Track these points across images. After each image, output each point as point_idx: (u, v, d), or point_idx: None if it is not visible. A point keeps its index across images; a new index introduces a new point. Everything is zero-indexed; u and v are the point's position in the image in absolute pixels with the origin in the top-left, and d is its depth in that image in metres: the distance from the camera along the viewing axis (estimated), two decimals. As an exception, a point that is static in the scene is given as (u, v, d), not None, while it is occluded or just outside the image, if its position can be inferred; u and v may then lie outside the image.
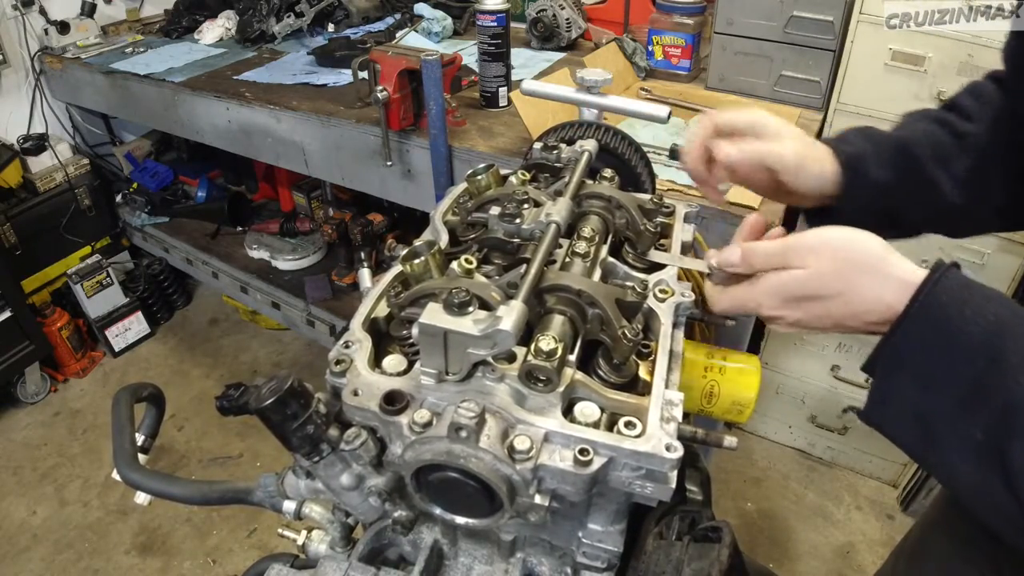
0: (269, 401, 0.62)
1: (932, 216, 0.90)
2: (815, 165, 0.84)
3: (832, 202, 0.87)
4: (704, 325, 1.12)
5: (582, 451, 0.58)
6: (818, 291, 0.65)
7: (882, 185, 0.86)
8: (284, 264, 2.98)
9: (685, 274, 0.83)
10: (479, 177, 0.87)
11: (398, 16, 2.72)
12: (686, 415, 0.69)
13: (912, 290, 0.61)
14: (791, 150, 0.82)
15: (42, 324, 2.96)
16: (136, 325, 3.33)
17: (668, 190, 1.59)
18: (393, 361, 0.68)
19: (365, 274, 0.92)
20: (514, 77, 2.04)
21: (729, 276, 0.74)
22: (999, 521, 0.59)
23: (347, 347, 0.68)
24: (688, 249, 0.86)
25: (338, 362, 0.66)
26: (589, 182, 0.88)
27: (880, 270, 0.64)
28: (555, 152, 0.92)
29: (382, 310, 0.74)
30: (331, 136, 2.04)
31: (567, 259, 0.75)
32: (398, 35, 2.53)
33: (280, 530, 0.92)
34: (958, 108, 0.92)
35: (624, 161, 0.98)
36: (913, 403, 0.61)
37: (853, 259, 0.65)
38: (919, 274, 0.63)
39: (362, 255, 2.57)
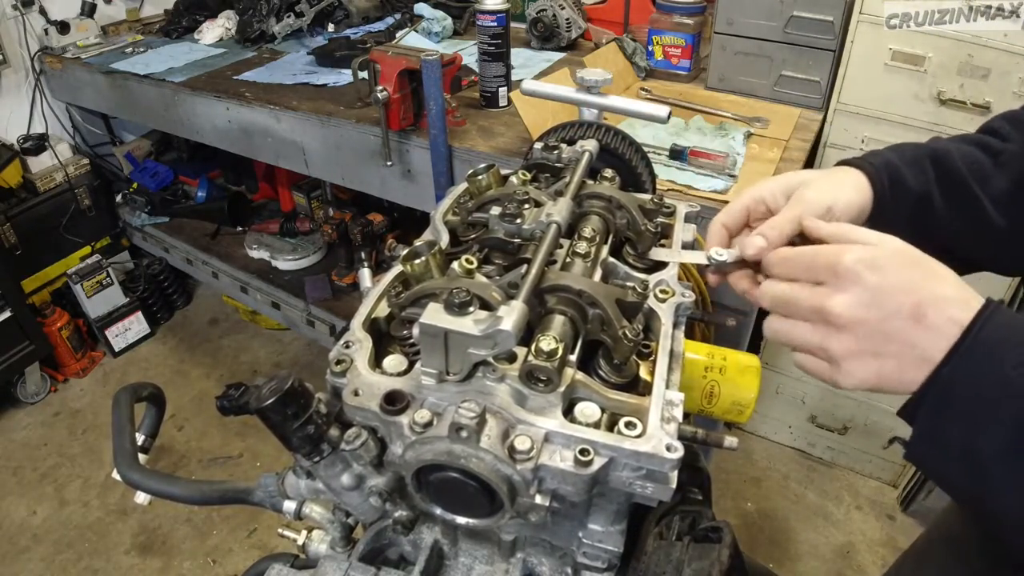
0: (270, 401, 0.62)
1: (982, 242, 0.82)
2: (844, 193, 0.76)
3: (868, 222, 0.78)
4: (704, 325, 1.12)
5: (583, 451, 0.58)
6: (915, 258, 0.60)
7: (920, 193, 0.79)
8: (284, 264, 2.98)
9: (686, 274, 0.83)
10: (480, 177, 0.87)
11: (398, 16, 2.73)
12: (686, 415, 0.69)
13: (979, 304, 0.58)
14: (816, 200, 0.73)
15: (42, 324, 2.96)
16: (136, 325, 3.33)
17: (668, 190, 1.59)
18: (394, 361, 0.68)
19: (365, 274, 0.92)
20: (514, 77, 2.04)
21: (731, 266, 0.74)
22: None
23: (347, 347, 0.68)
24: (689, 249, 0.86)
25: (339, 362, 0.66)
26: (590, 182, 0.87)
27: (957, 278, 0.60)
28: (556, 152, 0.92)
29: (383, 310, 0.74)
30: (331, 136, 2.05)
31: (568, 259, 0.75)
32: (398, 35, 2.53)
33: (280, 530, 0.91)
34: (992, 130, 0.86)
35: (625, 161, 0.98)
36: (961, 442, 0.58)
37: (936, 263, 0.61)
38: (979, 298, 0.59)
39: (362, 255, 2.57)
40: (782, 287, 0.66)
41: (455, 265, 0.67)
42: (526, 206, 0.78)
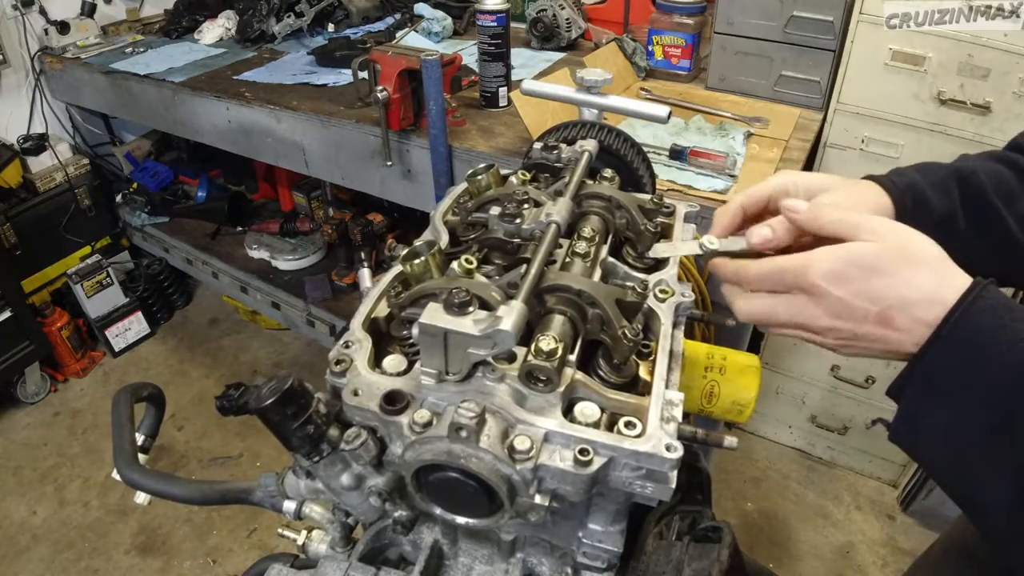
0: (269, 401, 0.62)
1: (1005, 261, 0.81)
2: (864, 208, 0.76)
3: None
4: (704, 325, 1.12)
5: (582, 451, 0.58)
6: (880, 265, 0.61)
7: (943, 215, 0.78)
8: (284, 264, 2.98)
9: (685, 274, 0.83)
10: (479, 177, 0.87)
11: (398, 16, 2.73)
12: (686, 415, 0.69)
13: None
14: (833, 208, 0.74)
15: (42, 324, 2.96)
16: (136, 325, 3.33)
17: (668, 190, 1.59)
18: (393, 361, 0.68)
19: (365, 274, 0.92)
20: (514, 77, 2.04)
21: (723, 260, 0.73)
22: None
23: (347, 347, 0.68)
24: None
25: (338, 362, 0.66)
26: (589, 182, 0.87)
27: (939, 267, 0.61)
28: (555, 152, 0.92)
29: (382, 310, 0.74)
30: (331, 136, 2.05)
31: (567, 259, 0.75)
32: (398, 35, 2.53)
33: (280, 530, 0.91)
34: (1019, 147, 0.84)
35: (624, 161, 0.98)
36: (943, 427, 0.59)
37: (916, 250, 0.62)
38: (968, 283, 0.60)
39: (362, 255, 2.57)
40: (757, 305, 0.68)
41: (454, 265, 0.67)
42: (526, 206, 0.78)
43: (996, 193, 0.79)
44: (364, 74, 1.89)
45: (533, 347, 0.61)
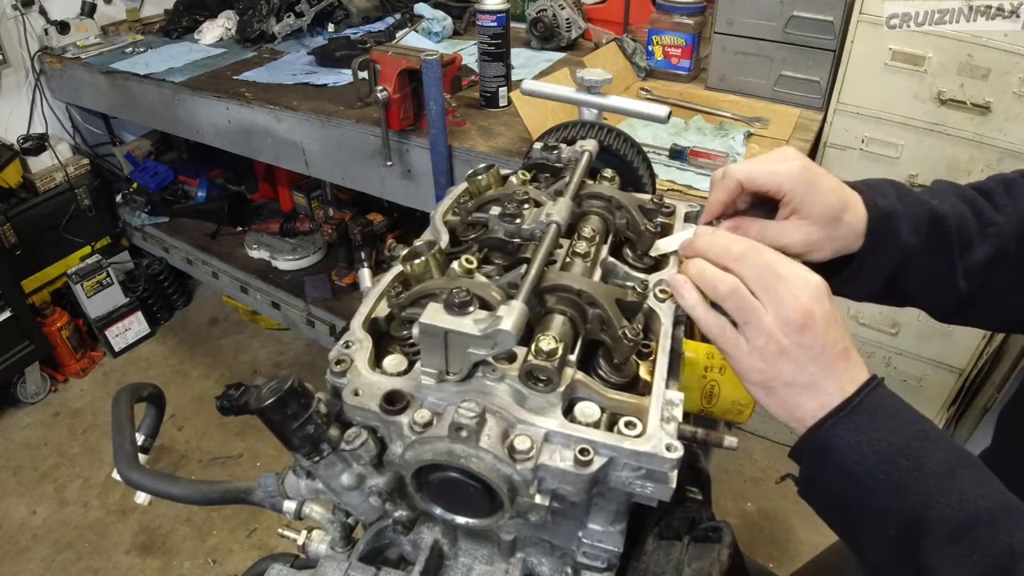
0: (270, 401, 0.62)
1: (933, 295, 0.85)
2: (849, 214, 0.78)
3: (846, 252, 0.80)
4: (704, 325, 1.12)
5: (582, 451, 0.58)
6: (777, 354, 0.65)
7: (906, 250, 0.80)
8: (284, 264, 2.98)
9: (686, 274, 0.83)
10: (479, 177, 0.87)
11: (398, 16, 2.73)
12: (686, 415, 0.68)
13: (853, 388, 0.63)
14: (825, 202, 0.77)
15: (42, 324, 2.96)
16: (136, 325, 3.33)
17: (668, 190, 1.59)
18: (393, 361, 0.68)
19: (365, 274, 0.92)
20: (514, 77, 2.04)
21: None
22: None
23: (347, 347, 0.68)
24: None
25: (338, 362, 0.66)
26: (589, 182, 0.87)
27: (816, 366, 0.64)
28: (555, 152, 0.92)
29: (382, 310, 0.74)
30: (331, 136, 2.05)
31: (567, 259, 0.75)
32: (398, 35, 2.53)
33: (280, 530, 0.91)
34: (987, 192, 0.84)
35: (625, 161, 0.98)
36: (838, 493, 0.64)
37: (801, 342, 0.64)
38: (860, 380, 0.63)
39: (362, 255, 2.57)
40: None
41: (455, 265, 0.67)
42: (526, 206, 0.78)
43: (957, 240, 0.81)
44: (364, 74, 1.89)
45: (533, 347, 0.61)
